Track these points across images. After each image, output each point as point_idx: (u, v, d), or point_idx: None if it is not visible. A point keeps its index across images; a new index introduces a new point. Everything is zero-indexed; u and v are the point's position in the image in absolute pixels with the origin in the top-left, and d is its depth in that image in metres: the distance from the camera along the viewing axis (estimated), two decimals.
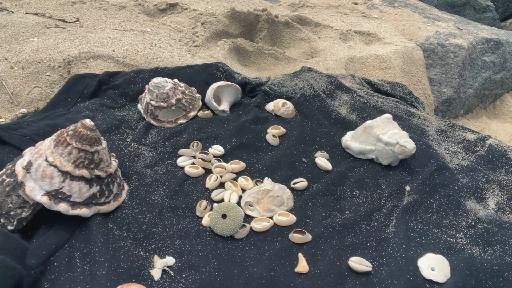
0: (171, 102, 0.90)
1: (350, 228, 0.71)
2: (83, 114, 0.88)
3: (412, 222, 0.73)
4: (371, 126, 0.86)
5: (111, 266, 0.58)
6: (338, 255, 0.65)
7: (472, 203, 0.78)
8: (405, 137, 0.84)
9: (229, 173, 0.80)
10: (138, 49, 1.25)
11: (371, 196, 0.78)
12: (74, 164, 0.60)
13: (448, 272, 0.63)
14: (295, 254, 0.65)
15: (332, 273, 0.62)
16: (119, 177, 0.69)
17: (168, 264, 0.61)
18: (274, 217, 0.72)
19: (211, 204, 0.73)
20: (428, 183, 0.81)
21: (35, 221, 0.63)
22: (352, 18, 1.86)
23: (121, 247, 0.62)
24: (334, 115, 0.99)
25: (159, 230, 0.66)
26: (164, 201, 0.71)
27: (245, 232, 0.68)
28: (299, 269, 0.63)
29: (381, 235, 0.70)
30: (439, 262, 0.64)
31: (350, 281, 0.61)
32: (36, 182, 0.59)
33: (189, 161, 0.82)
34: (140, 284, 0.56)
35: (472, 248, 0.68)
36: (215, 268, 0.61)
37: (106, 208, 0.64)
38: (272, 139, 0.90)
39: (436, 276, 0.63)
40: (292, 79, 1.11)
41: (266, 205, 0.73)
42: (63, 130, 0.62)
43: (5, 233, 0.54)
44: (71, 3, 1.52)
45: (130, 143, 0.84)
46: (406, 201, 0.77)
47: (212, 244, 0.65)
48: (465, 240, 0.70)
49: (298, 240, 0.67)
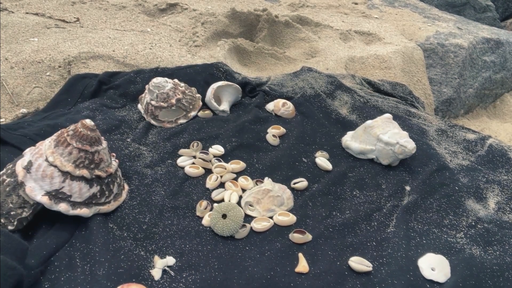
0: (171, 102, 0.90)
1: (350, 228, 0.71)
2: (83, 114, 0.88)
3: (412, 222, 0.73)
4: (371, 126, 0.86)
5: (112, 266, 0.58)
6: (338, 255, 0.66)
7: (472, 203, 0.78)
8: (405, 137, 0.84)
9: (229, 173, 0.80)
10: (138, 49, 1.25)
11: (371, 196, 0.78)
12: (75, 164, 0.61)
13: (448, 272, 0.63)
14: (295, 254, 0.65)
15: (332, 273, 0.62)
16: (119, 177, 0.69)
17: (169, 264, 0.61)
18: (274, 217, 0.72)
19: (211, 204, 0.73)
20: (428, 183, 0.81)
21: (35, 221, 0.63)
22: (352, 18, 1.86)
23: (122, 247, 0.62)
24: (334, 115, 0.99)
25: (159, 230, 0.66)
26: (165, 201, 0.71)
27: (245, 232, 0.68)
28: (299, 269, 0.63)
29: (381, 235, 0.70)
30: (439, 262, 0.64)
31: (350, 281, 0.62)
32: (36, 182, 0.59)
33: (189, 161, 0.82)
34: (140, 284, 0.56)
35: (472, 248, 0.68)
36: (215, 268, 0.61)
37: (106, 208, 0.64)
38: (272, 139, 0.90)
39: (436, 276, 0.63)
40: (292, 79, 1.11)
41: (266, 205, 0.73)
42: (63, 130, 0.62)
43: (6, 233, 0.54)
44: (71, 3, 1.52)
45: (130, 143, 0.84)
46: (406, 201, 0.77)
47: (212, 244, 0.65)
48: (465, 240, 0.70)
49: (298, 240, 0.67)
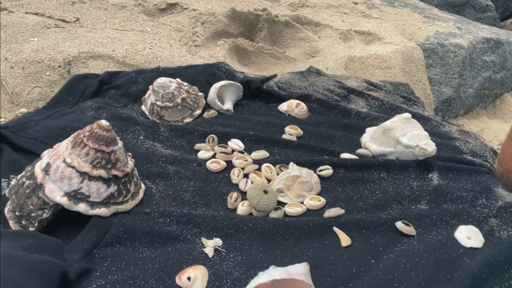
0: (176, 101, 0.90)
1: (381, 207, 0.72)
2: (89, 114, 0.88)
3: (442, 203, 0.74)
4: (390, 129, 0.85)
5: (161, 250, 0.59)
6: (377, 225, 0.67)
7: (502, 190, 0.79)
8: (426, 139, 0.83)
9: (251, 164, 0.79)
10: (138, 49, 1.25)
11: (399, 178, 0.79)
12: (92, 165, 0.61)
13: (482, 238, 0.67)
14: (332, 231, 0.66)
15: (378, 237, 0.65)
16: (136, 176, 0.69)
17: (218, 244, 0.62)
18: (305, 201, 0.72)
19: (241, 195, 0.73)
20: (457, 167, 0.82)
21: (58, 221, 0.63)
22: (352, 17, 1.86)
23: (167, 232, 0.62)
24: (352, 115, 0.98)
25: (199, 219, 0.66)
26: (195, 196, 0.71)
27: (280, 214, 0.69)
28: (344, 243, 0.64)
29: (414, 212, 0.71)
30: (473, 231, 0.68)
31: (399, 243, 0.64)
32: (55, 184, 0.60)
33: (208, 153, 0.81)
34: (196, 265, 0.57)
35: (503, 228, 0.70)
36: (259, 250, 0.62)
37: (124, 207, 0.65)
38: (290, 137, 0.89)
39: (473, 243, 0.66)
40: (300, 79, 1.11)
41: (297, 191, 0.73)
42: (79, 131, 0.63)
43: (35, 234, 0.54)
44: (71, 3, 1.52)
45: (144, 140, 0.83)
46: (436, 183, 0.78)
47: (252, 228, 0.66)
48: (497, 221, 0.71)
49: (334, 214, 0.68)
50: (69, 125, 0.81)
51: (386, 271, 0.60)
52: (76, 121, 0.83)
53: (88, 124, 0.64)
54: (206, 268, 0.58)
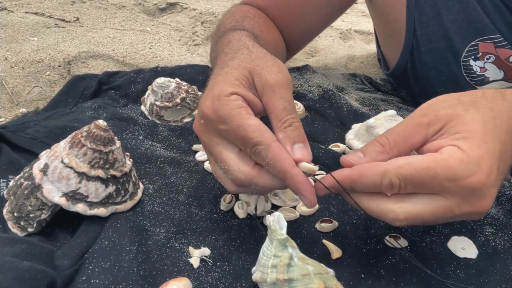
0: (176, 101, 0.90)
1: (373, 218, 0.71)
2: (88, 114, 0.88)
3: None
4: (373, 126, 0.83)
5: (147, 258, 0.58)
6: (368, 237, 0.66)
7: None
8: None
9: None
10: (138, 49, 1.25)
11: None
12: (90, 165, 0.61)
13: (475, 248, 0.65)
14: (322, 242, 0.65)
15: (370, 251, 0.63)
16: (134, 176, 0.69)
17: (205, 254, 0.61)
18: (298, 207, 0.71)
19: (235, 198, 0.72)
20: None
21: (56, 223, 0.63)
22: (352, 17, 1.86)
23: (155, 240, 0.61)
24: (345, 110, 0.98)
25: (189, 225, 0.65)
26: (189, 198, 0.71)
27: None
28: (334, 256, 0.62)
29: None
30: (465, 242, 0.66)
31: (390, 255, 0.62)
32: (53, 184, 0.60)
33: (205, 156, 0.82)
34: (180, 277, 0.56)
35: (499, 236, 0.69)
36: (247, 261, 0.61)
37: (123, 207, 0.65)
38: None
39: (468, 253, 0.64)
40: (296, 77, 1.11)
41: (291, 194, 0.73)
42: (77, 131, 0.63)
43: (27, 240, 0.54)
44: (71, 3, 1.53)
45: (143, 140, 0.83)
46: None
47: (241, 237, 0.65)
48: (492, 229, 0.70)
49: (327, 229, 0.67)
50: (69, 125, 0.81)
51: (377, 284, 0.59)
52: (76, 121, 0.83)
53: (88, 124, 0.64)
54: (191, 281, 0.56)
